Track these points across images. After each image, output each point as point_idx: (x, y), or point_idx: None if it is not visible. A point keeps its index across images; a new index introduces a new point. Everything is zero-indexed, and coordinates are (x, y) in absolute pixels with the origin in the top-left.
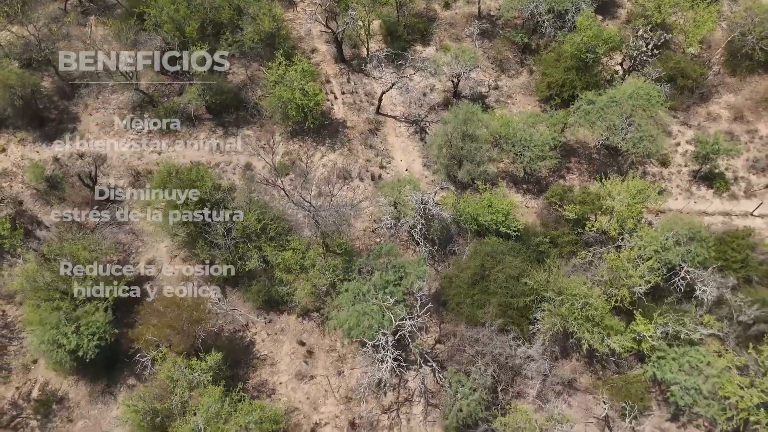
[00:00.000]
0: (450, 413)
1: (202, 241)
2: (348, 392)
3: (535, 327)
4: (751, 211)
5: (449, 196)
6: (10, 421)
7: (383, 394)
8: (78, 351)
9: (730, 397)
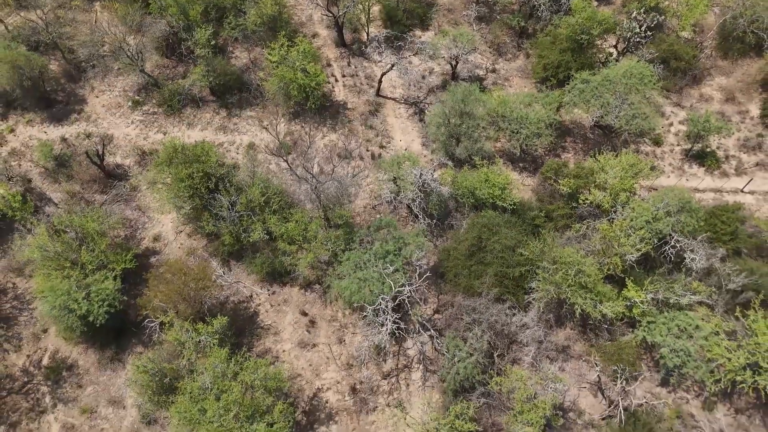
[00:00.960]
0: (448, 376)
1: (208, 214)
2: (349, 359)
3: (531, 297)
4: (741, 188)
5: (447, 172)
6: (21, 387)
7: (383, 361)
8: (88, 316)
9: (717, 359)
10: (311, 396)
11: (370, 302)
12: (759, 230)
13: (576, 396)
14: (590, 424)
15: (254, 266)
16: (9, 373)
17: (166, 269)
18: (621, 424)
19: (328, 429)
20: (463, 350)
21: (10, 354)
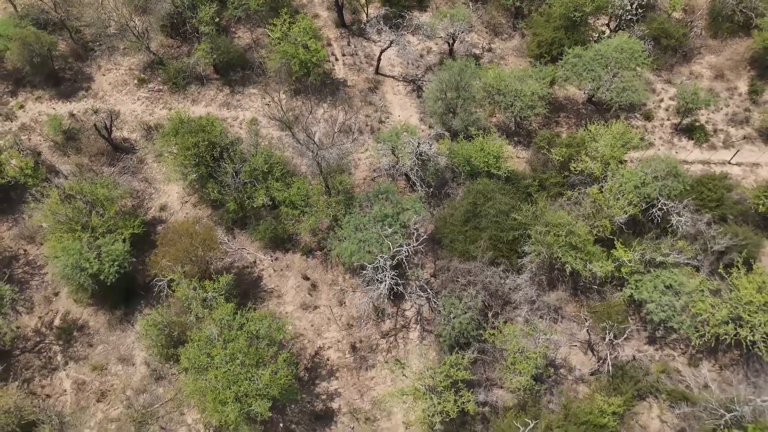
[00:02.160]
0: (444, 331)
1: (212, 182)
2: (349, 320)
3: (524, 260)
4: (729, 160)
5: (444, 142)
6: (34, 347)
7: (382, 322)
8: (99, 275)
9: (701, 314)
10: (313, 354)
11: (370, 261)
12: (745, 198)
13: (567, 353)
14: (580, 379)
15: (257, 233)
16: (22, 333)
17: (174, 230)
18: (609, 377)
19: (329, 384)
20: (459, 308)
21: (22, 316)
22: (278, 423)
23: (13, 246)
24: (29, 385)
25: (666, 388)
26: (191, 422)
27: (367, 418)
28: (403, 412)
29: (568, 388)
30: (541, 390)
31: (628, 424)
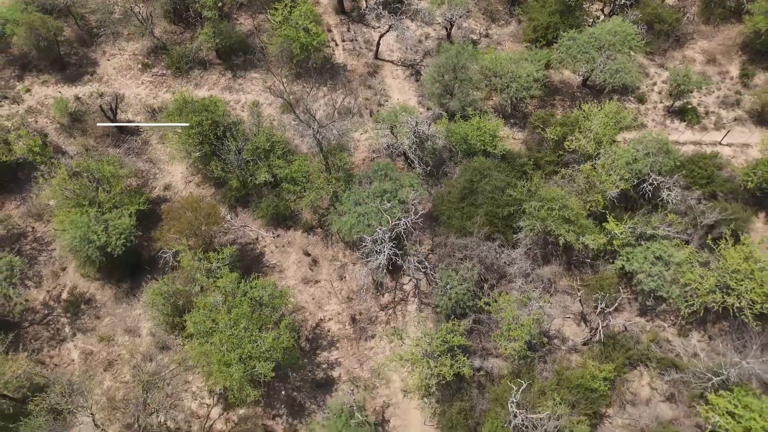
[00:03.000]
0: (441, 301)
1: (216, 161)
2: (349, 293)
3: (519, 235)
4: (719, 140)
5: (442, 122)
6: (42, 319)
7: (381, 295)
8: (106, 247)
9: (690, 283)
10: (314, 326)
11: (369, 234)
12: (734, 176)
13: (560, 325)
14: (573, 349)
15: (259, 210)
16: (30, 306)
17: (179, 205)
18: (601, 346)
19: (329, 354)
20: (455, 279)
21: (31, 289)
22: (280, 390)
23: (22, 223)
24: (38, 355)
25: (656, 356)
26: (196, 389)
27: (367, 386)
28: (401, 379)
29: (562, 357)
30: (535, 358)
31: (619, 390)
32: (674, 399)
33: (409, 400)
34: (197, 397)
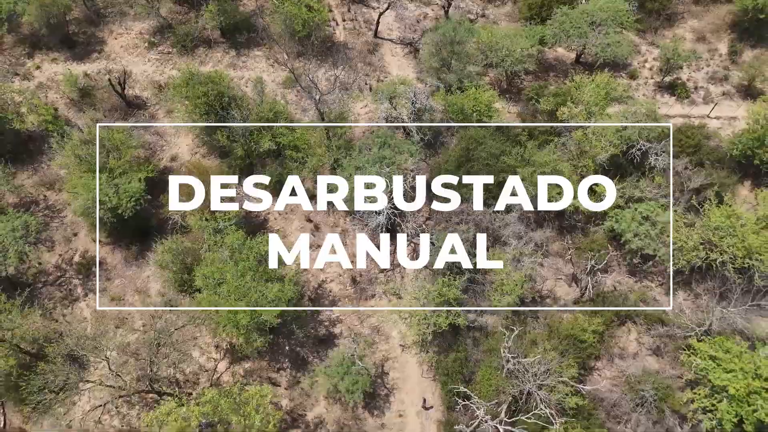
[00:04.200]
0: (437, 259)
1: (221, 130)
2: (350, 257)
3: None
4: (708, 113)
5: (439, 93)
6: (55, 280)
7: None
8: (117, 209)
9: (676, 242)
10: (316, 287)
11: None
12: (721, 145)
13: (553, 286)
14: (564, 307)
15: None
16: (44, 269)
17: (186, 168)
18: (591, 301)
19: (331, 313)
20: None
21: (43, 253)
22: (284, 346)
23: (34, 192)
24: (51, 314)
25: (643, 313)
26: (203, 345)
27: (367, 342)
28: (399, 336)
29: (553, 315)
30: (527, 314)
31: (608, 344)
32: (660, 352)
33: (407, 355)
34: (205, 352)
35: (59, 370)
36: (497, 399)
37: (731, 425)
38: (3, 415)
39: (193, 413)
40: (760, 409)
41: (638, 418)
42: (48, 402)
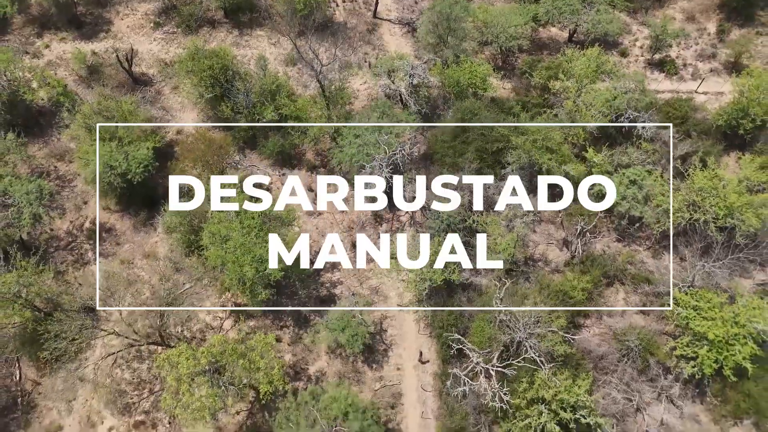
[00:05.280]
0: (434, 224)
1: (226, 102)
2: (350, 223)
3: (506, 170)
4: (695, 89)
5: (436, 67)
6: (67, 245)
7: (379, 225)
8: (127, 175)
9: (662, 204)
10: (317, 251)
11: (369, 162)
12: (707, 117)
13: (544, 250)
14: (556, 269)
15: (266, 149)
16: (55, 234)
17: (193, 138)
18: (580, 263)
19: (332, 275)
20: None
21: (55, 220)
22: (287, 305)
23: (45, 163)
24: (63, 276)
25: (631, 273)
26: (210, 305)
27: (367, 302)
28: (398, 296)
29: (544, 275)
30: (519, 274)
31: (596, 302)
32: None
33: (405, 314)
34: (211, 312)
35: (75, 316)
36: (489, 348)
37: (711, 370)
38: (18, 369)
39: (203, 354)
40: (738, 353)
41: (624, 368)
42: (63, 349)
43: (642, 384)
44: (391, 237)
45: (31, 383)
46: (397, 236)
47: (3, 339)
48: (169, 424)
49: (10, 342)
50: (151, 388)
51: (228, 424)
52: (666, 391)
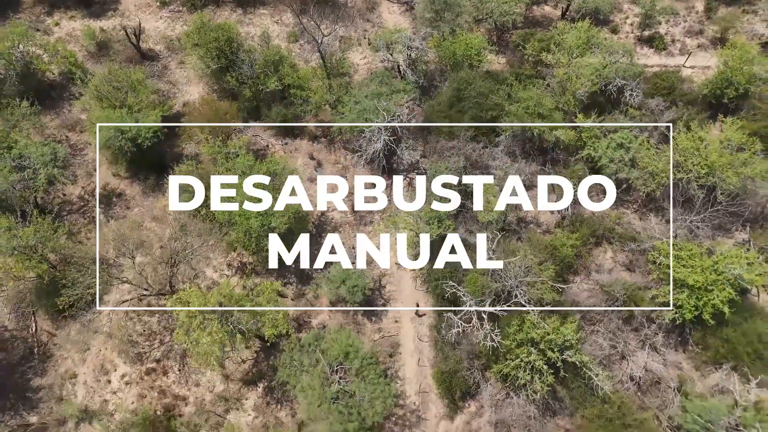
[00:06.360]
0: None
1: (231, 73)
2: (350, 189)
3: (500, 137)
4: (683, 63)
5: (433, 39)
6: (79, 209)
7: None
8: (137, 139)
9: (647, 167)
10: (319, 215)
11: (368, 128)
12: (693, 88)
13: (536, 213)
14: (547, 231)
15: (270, 118)
16: (68, 199)
17: (200, 103)
18: (570, 225)
19: (333, 235)
20: (443, 165)
21: (67, 186)
22: (291, 264)
23: (57, 133)
24: (76, 237)
25: (618, 232)
26: (216, 264)
27: (366, 260)
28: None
29: (535, 234)
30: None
31: (586, 259)
32: (632, 267)
33: (402, 271)
34: (217, 270)
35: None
36: (482, 297)
37: (691, 314)
38: (34, 322)
39: (212, 295)
40: (716, 298)
41: (610, 318)
42: (79, 295)
43: (627, 333)
44: (390, 203)
45: (47, 334)
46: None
47: (20, 294)
48: (179, 371)
49: (27, 296)
50: (161, 339)
51: (234, 372)
52: (649, 339)
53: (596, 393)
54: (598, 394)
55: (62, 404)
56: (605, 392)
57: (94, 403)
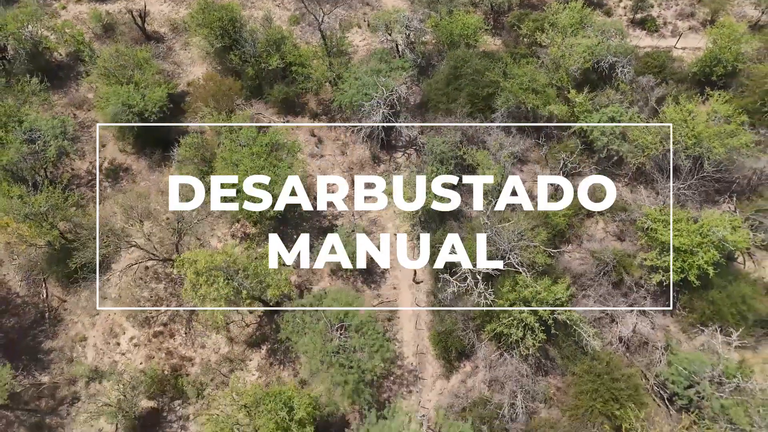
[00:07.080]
0: (428, 159)
1: (234, 51)
2: (350, 165)
3: (496, 114)
4: (674, 44)
5: (431, 19)
6: (87, 183)
7: (377, 165)
8: (144, 114)
9: (636, 139)
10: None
11: (368, 100)
12: (683, 66)
13: (531, 187)
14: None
15: (272, 96)
16: (76, 174)
17: (204, 79)
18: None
19: (333, 209)
20: (440, 140)
21: (76, 161)
22: (293, 235)
23: (65, 111)
24: (85, 210)
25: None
26: (220, 235)
27: (366, 231)
28: (394, 227)
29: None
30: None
31: (578, 229)
32: (623, 236)
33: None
34: (222, 240)
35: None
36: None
37: (676, 276)
38: (45, 289)
39: (218, 255)
40: (701, 259)
41: (600, 282)
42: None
43: (617, 297)
44: (389, 177)
45: (57, 300)
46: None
47: (31, 262)
48: (185, 334)
49: (38, 263)
50: (168, 304)
51: (239, 335)
52: (638, 302)
53: (586, 351)
54: (587, 352)
55: (73, 365)
56: (595, 350)
57: (103, 364)
